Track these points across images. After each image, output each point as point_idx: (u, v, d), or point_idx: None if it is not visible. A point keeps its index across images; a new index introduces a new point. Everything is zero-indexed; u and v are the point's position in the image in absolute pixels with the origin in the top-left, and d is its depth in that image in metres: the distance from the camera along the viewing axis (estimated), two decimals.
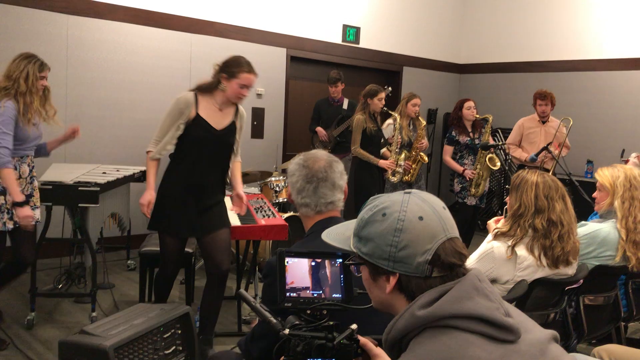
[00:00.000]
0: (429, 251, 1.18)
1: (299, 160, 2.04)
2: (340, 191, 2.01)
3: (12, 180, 3.36)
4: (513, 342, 1.13)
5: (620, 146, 7.03)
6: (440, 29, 8.81)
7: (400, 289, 1.22)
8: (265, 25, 6.79)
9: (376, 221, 1.23)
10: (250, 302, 1.47)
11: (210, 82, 3.44)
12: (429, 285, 1.18)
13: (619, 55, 7.34)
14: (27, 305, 3.95)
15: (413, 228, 1.19)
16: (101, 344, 2.32)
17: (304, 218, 2.04)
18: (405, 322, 1.16)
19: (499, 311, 1.14)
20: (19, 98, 3.43)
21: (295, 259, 1.44)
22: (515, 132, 6.10)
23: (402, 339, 1.18)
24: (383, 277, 1.23)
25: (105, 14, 5.63)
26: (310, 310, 1.40)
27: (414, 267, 1.18)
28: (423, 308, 1.14)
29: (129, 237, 5.40)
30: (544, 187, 2.59)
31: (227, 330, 3.99)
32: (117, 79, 5.78)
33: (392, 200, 1.24)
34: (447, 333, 1.11)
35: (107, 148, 5.77)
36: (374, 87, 5.70)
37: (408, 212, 1.20)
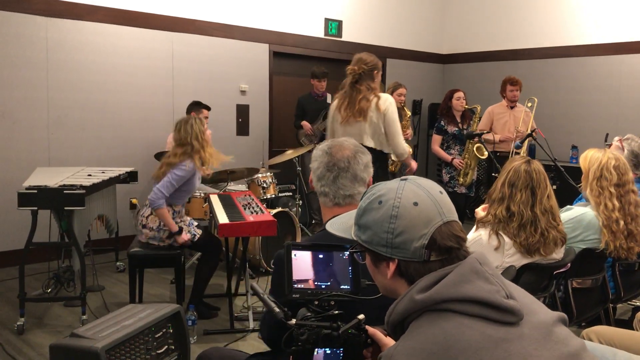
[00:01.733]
0: (425, 236, 1.19)
1: (324, 146, 1.97)
2: (362, 184, 1.92)
3: (167, 216, 3.97)
4: (515, 324, 1.13)
5: (604, 130, 7.09)
6: (422, 19, 8.83)
7: (401, 274, 1.23)
8: (247, 22, 6.77)
9: (373, 209, 1.25)
10: (259, 294, 1.51)
11: None
12: (428, 269, 1.20)
13: (600, 41, 7.40)
14: (17, 310, 3.92)
15: (408, 214, 1.20)
16: (92, 346, 2.31)
17: (323, 208, 1.98)
18: (405, 306, 1.18)
19: (500, 294, 1.14)
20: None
21: (303, 251, 1.46)
22: (485, 119, 6.23)
23: (402, 321, 1.20)
24: (384, 263, 1.25)
25: (84, 15, 5.58)
26: (318, 302, 1.41)
27: (411, 253, 1.20)
28: (422, 292, 1.15)
29: (117, 239, 5.36)
30: (512, 175, 2.60)
31: (220, 327, 3.99)
32: (99, 80, 5.74)
33: (388, 187, 1.26)
34: (445, 317, 1.12)
35: (92, 150, 5.72)
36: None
37: (403, 198, 1.22)
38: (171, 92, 6.25)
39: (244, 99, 6.87)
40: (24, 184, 3.80)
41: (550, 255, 2.60)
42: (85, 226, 4.30)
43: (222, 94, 6.62)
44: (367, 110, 3.95)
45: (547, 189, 2.60)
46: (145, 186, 5.93)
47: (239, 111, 6.83)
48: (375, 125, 3.99)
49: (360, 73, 4.02)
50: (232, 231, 3.77)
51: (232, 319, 3.98)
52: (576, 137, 7.46)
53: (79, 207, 3.80)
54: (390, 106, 3.98)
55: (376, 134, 4.00)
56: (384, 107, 3.95)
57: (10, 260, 5.17)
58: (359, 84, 4.03)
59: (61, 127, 5.53)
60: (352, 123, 4.03)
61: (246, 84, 6.83)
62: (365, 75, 4.02)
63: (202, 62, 6.44)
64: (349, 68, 4.06)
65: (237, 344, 3.72)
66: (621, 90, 7.27)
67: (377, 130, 4.00)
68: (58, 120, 5.50)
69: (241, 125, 6.87)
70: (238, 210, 4.09)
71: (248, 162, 6.23)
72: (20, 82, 5.25)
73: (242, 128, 6.88)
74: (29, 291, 4.13)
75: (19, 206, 3.72)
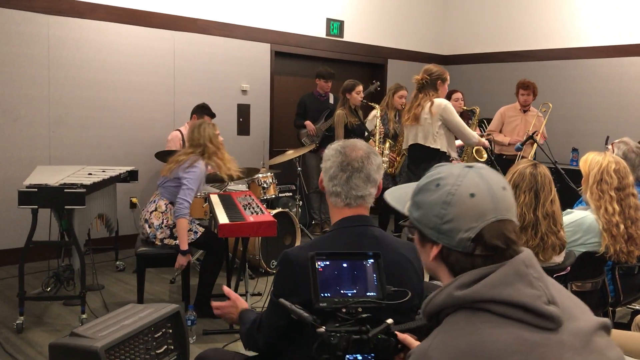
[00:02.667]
0: (473, 229, 1.16)
1: (337, 146, 1.95)
2: (373, 185, 1.91)
3: (185, 229, 3.92)
4: (553, 330, 1.10)
5: (605, 133, 7.08)
6: (423, 20, 8.83)
7: (442, 259, 1.22)
8: (249, 21, 6.76)
9: (429, 190, 1.23)
10: (287, 306, 1.51)
11: None
12: (470, 263, 1.17)
13: (601, 43, 7.39)
14: (16, 309, 3.92)
15: (462, 204, 1.17)
16: (92, 345, 2.31)
17: (332, 208, 1.96)
18: (443, 299, 1.17)
19: (541, 299, 1.11)
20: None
21: (327, 261, 1.47)
22: (496, 120, 6.18)
23: (438, 313, 1.19)
24: (429, 244, 1.23)
25: (86, 13, 5.58)
26: (346, 309, 1.41)
27: (456, 242, 1.18)
28: (461, 288, 1.14)
29: (117, 238, 5.36)
30: (517, 176, 2.60)
31: (218, 328, 3.99)
32: (100, 78, 5.74)
33: (450, 171, 1.23)
34: (482, 316, 1.11)
35: (92, 149, 5.72)
36: (350, 82, 5.81)
37: (461, 186, 1.19)
38: (172, 91, 6.24)
39: (245, 98, 6.87)
40: (25, 183, 3.80)
41: (548, 261, 2.60)
42: (85, 225, 4.30)
43: (223, 94, 6.62)
44: (420, 115, 4.36)
45: (551, 193, 2.60)
46: (146, 185, 5.93)
47: (240, 111, 6.83)
48: (428, 126, 4.36)
49: (423, 82, 4.42)
50: (232, 231, 3.77)
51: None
52: (577, 139, 7.46)
53: (79, 206, 3.80)
54: (443, 110, 4.31)
55: (430, 134, 4.36)
56: (436, 111, 4.31)
57: (10, 259, 5.17)
58: (421, 93, 4.44)
59: (62, 125, 5.53)
60: (408, 127, 4.48)
61: (247, 83, 6.82)
62: (427, 84, 4.41)
63: (204, 61, 6.44)
64: (415, 77, 4.51)
65: (236, 345, 3.72)
66: (622, 93, 7.27)
67: (431, 130, 4.36)
68: (59, 118, 5.50)
69: (242, 125, 6.86)
70: (238, 211, 4.09)
71: (248, 162, 6.23)
72: (21, 79, 5.25)
73: (243, 128, 6.88)
74: (28, 290, 4.13)
75: (19, 204, 3.72)
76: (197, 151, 4.07)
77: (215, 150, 4.10)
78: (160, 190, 4.16)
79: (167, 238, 4.06)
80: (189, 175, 3.98)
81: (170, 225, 4.07)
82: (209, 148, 4.09)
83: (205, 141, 4.08)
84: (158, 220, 4.05)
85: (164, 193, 4.13)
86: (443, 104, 4.32)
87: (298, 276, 1.75)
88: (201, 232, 4.14)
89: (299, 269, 1.75)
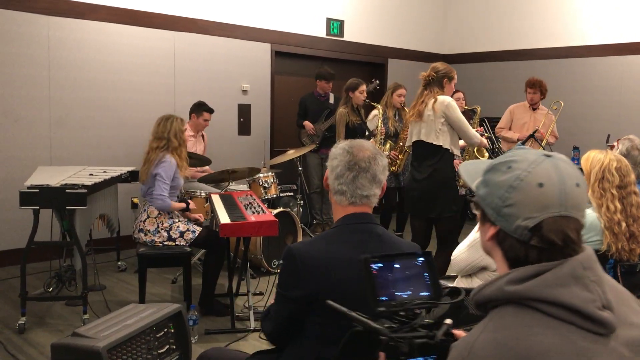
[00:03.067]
0: (532, 219, 1.12)
1: (344, 145, 1.96)
2: (378, 186, 1.94)
3: (176, 204, 4.21)
4: (604, 335, 1.08)
5: (606, 131, 7.09)
6: (424, 19, 8.83)
7: (498, 242, 1.20)
8: (249, 21, 6.77)
9: (499, 170, 1.20)
10: (343, 311, 1.46)
11: None
12: (524, 252, 1.15)
13: (602, 42, 7.39)
14: (18, 309, 3.92)
15: (528, 191, 1.14)
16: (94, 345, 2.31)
17: (335, 206, 1.98)
18: (493, 292, 1.15)
19: (595, 304, 1.08)
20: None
21: (380, 263, 1.45)
22: (505, 117, 6.18)
23: (486, 304, 1.17)
24: (488, 223, 1.22)
25: (86, 14, 5.58)
26: (405, 312, 1.39)
27: (513, 228, 1.15)
28: (513, 284, 1.11)
29: (118, 238, 5.37)
30: None
31: (221, 327, 3.99)
32: (101, 79, 5.74)
33: (525, 157, 1.19)
34: (531, 314, 1.09)
35: (93, 149, 5.73)
36: (354, 81, 5.80)
37: (531, 174, 1.15)
38: (173, 91, 6.25)
39: (246, 98, 6.87)
40: (26, 183, 3.80)
41: None
42: (86, 225, 4.30)
43: (224, 94, 6.62)
44: (423, 112, 4.30)
45: None
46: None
47: (241, 111, 6.83)
48: (431, 123, 4.29)
49: (430, 79, 4.35)
50: (234, 231, 3.77)
51: (233, 319, 3.98)
52: (578, 138, 7.45)
53: (80, 206, 3.80)
54: (446, 107, 4.25)
55: (432, 131, 4.30)
56: (438, 107, 4.25)
57: (11, 259, 5.17)
58: (426, 90, 4.38)
59: (63, 126, 5.53)
60: (412, 123, 4.42)
61: (248, 83, 6.82)
62: (434, 81, 4.34)
63: (204, 62, 6.44)
64: (422, 74, 4.44)
65: (238, 344, 3.72)
66: (622, 91, 7.27)
67: (433, 127, 4.29)
68: (60, 119, 5.50)
69: (243, 124, 6.86)
70: (239, 210, 4.09)
71: (249, 161, 6.24)
72: (22, 80, 5.26)
73: (244, 128, 6.88)
74: (30, 290, 4.13)
75: (21, 205, 3.72)
76: (161, 145, 4.10)
77: (177, 146, 4.12)
78: (147, 199, 4.17)
79: (166, 241, 4.07)
80: (160, 169, 4.05)
81: (167, 227, 4.07)
82: (172, 142, 4.11)
83: (170, 135, 4.11)
84: (153, 226, 4.06)
85: (152, 199, 4.14)
86: (446, 101, 4.31)
87: (301, 271, 1.80)
88: (199, 231, 4.14)
89: (301, 263, 1.80)
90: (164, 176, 4.06)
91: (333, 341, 1.65)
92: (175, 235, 4.06)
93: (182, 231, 4.08)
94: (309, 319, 1.83)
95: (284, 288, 1.87)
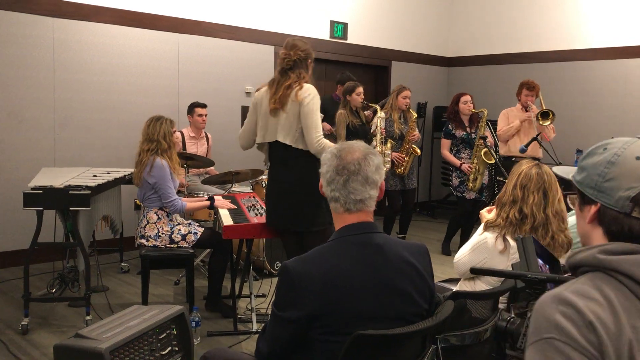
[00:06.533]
0: (634, 188, 1.18)
1: (333, 149, 1.90)
2: (373, 187, 1.85)
3: (194, 204, 4.24)
4: None
5: (609, 134, 7.04)
6: (427, 22, 8.83)
7: (599, 221, 1.24)
8: (253, 24, 6.78)
9: (595, 154, 1.27)
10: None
11: None
12: (627, 224, 1.19)
13: (604, 45, 7.38)
14: (21, 310, 3.93)
15: (626, 164, 1.20)
16: (97, 347, 2.31)
17: (334, 215, 1.91)
18: (585, 257, 1.20)
19: None
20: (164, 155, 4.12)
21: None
22: (502, 121, 6.09)
23: (578, 267, 1.23)
24: (586, 206, 1.26)
25: (91, 16, 5.60)
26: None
27: (614, 200, 1.19)
28: (605, 254, 1.17)
29: (121, 240, 5.38)
30: (523, 177, 2.60)
31: (223, 329, 3.99)
32: (105, 81, 5.76)
33: (619, 139, 1.27)
34: (615, 285, 1.14)
35: (97, 151, 5.74)
36: (350, 84, 5.86)
37: (628, 150, 1.22)
38: (176, 93, 6.26)
39: (249, 100, 6.85)
40: (30, 184, 3.81)
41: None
42: (90, 227, 4.31)
43: (227, 96, 6.63)
44: (287, 100, 3.45)
45: (558, 192, 2.61)
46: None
47: (244, 112, 6.82)
48: (292, 119, 3.45)
49: (295, 60, 3.52)
50: (237, 233, 3.77)
51: (235, 321, 3.98)
52: (581, 140, 7.44)
53: (84, 207, 3.81)
54: (309, 97, 3.42)
55: (292, 129, 3.46)
56: (302, 96, 3.41)
57: (15, 260, 5.19)
58: (291, 71, 3.53)
59: (67, 128, 5.55)
60: (276, 114, 3.50)
61: (251, 85, 6.83)
62: (299, 62, 3.54)
63: (208, 64, 6.45)
64: (283, 52, 3.57)
65: (241, 346, 3.72)
66: (626, 94, 7.25)
67: (293, 125, 3.45)
68: (64, 120, 5.52)
69: None
70: (242, 212, 4.10)
71: (252, 163, 6.23)
72: (26, 82, 5.27)
73: None
74: (33, 291, 4.14)
75: (25, 206, 3.73)
76: (152, 147, 4.07)
77: (166, 149, 4.09)
78: (145, 204, 4.16)
79: (168, 244, 4.07)
80: (156, 177, 4.01)
81: (168, 232, 4.08)
82: (162, 145, 4.07)
83: (159, 137, 4.07)
84: (153, 231, 4.06)
85: (149, 205, 4.12)
86: (311, 90, 3.52)
87: (297, 289, 1.72)
88: (200, 232, 4.14)
89: (298, 282, 1.72)
90: (164, 179, 4.02)
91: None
92: (177, 238, 4.06)
93: (184, 234, 4.08)
94: (314, 337, 1.75)
95: (280, 308, 1.77)
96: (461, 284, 2.80)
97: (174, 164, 4.14)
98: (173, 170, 4.11)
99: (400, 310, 1.78)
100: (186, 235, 4.08)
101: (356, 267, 1.75)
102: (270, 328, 1.83)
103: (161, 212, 4.10)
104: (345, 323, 1.70)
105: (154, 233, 4.05)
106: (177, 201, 4.06)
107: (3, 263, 5.24)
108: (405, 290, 1.78)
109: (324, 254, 1.81)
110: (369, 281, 1.75)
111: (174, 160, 4.15)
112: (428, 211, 8.68)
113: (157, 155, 4.06)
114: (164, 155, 4.08)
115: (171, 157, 4.12)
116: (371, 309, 1.73)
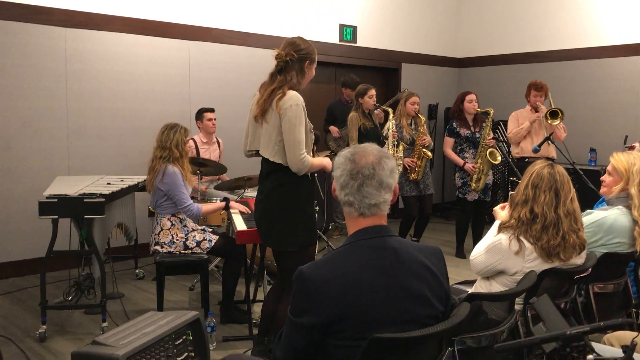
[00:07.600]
0: None
1: (347, 153, 1.87)
2: (388, 191, 1.83)
3: (210, 207, 4.24)
4: None
5: (623, 133, 7.01)
6: (437, 23, 8.81)
7: None
8: (263, 29, 6.80)
9: None
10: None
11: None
12: None
13: (618, 42, 7.32)
14: (38, 318, 3.96)
15: None
16: (113, 353, 2.32)
17: (347, 218, 1.89)
18: None
19: None
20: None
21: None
22: (512, 123, 6.03)
23: None
24: None
25: (102, 25, 5.65)
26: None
27: None
28: None
29: (135, 246, 5.41)
30: (535, 177, 2.59)
31: (238, 335, 4.00)
32: (117, 89, 5.80)
33: None
34: None
35: (111, 158, 5.78)
36: (363, 87, 5.87)
37: None
38: (188, 100, 6.29)
39: None
40: (45, 193, 3.85)
41: (569, 261, 2.57)
42: (105, 234, 4.34)
43: (238, 102, 6.65)
44: (268, 107, 3.12)
45: (570, 192, 2.58)
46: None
47: None
48: (271, 130, 3.11)
49: (287, 60, 3.19)
50: (250, 238, 3.78)
51: (250, 326, 3.99)
52: (595, 140, 7.38)
53: (98, 215, 3.84)
54: (291, 109, 3.04)
55: (271, 142, 3.11)
56: (282, 107, 3.04)
57: (31, 268, 5.24)
58: (281, 74, 3.19)
59: (80, 136, 5.60)
60: (259, 122, 3.21)
61: None
62: (291, 63, 3.19)
63: (219, 70, 6.48)
64: (276, 52, 3.28)
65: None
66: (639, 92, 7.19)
67: (272, 137, 3.11)
68: (77, 129, 5.56)
69: None
70: None
71: None
72: (40, 92, 5.33)
73: None
74: (50, 299, 4.17)
75: (40, 215, 3.76)
76: (163, 154, 4.09)
77: (177, 157, 4.11)
78: (158, 211, 4.18)
79: (182, 250, 4.09)
80: (169, 184, 4.03)
81: (183, 238, 4.10)
82: (174, 153, 4.10)
83: (171, 145, 4.10)
84: (167, 238, 4.08)
85: (162, 211, 4.14)
86: (294, 99, 3.15)
87: (313, 295, 1.71)
88: (215, 239, 4.16)
89: (314, 288, 1.70)
90: (176, 186, 4.03)
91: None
92: (192, 245, 4.08)
93: (199, 241, 4.10)
94: (330, 342, 1.73)
95: (296, 314, 1.75)
96: (477, 285, 2.78)
97: (186, 172, 4.15)
98: (185, 178, 4.13)
99: (416, 313, 1.77)
100: (201, 242, 4.10)
101: (372, 270, 1.74)
102: (286, 334, 1.81)
103: (174, 218, 4.11)
104: (362, 327, 1.69)
105: (168, 239, 4.07)
106: (193, 206, 4.07)
107: (20, 271, 5.28)
108: (421, 293, 1.77)
109: (339, 258, 1.79)
110: (384, 285, 1.74)
111: (186, 168, 4.17)
112: (442, 213, 8.65)
113: (169, 162, 4.08)
114: (175, 163, 4.10)
115: (183, 166, 4.14)
116: (387, 313, 1.72)
